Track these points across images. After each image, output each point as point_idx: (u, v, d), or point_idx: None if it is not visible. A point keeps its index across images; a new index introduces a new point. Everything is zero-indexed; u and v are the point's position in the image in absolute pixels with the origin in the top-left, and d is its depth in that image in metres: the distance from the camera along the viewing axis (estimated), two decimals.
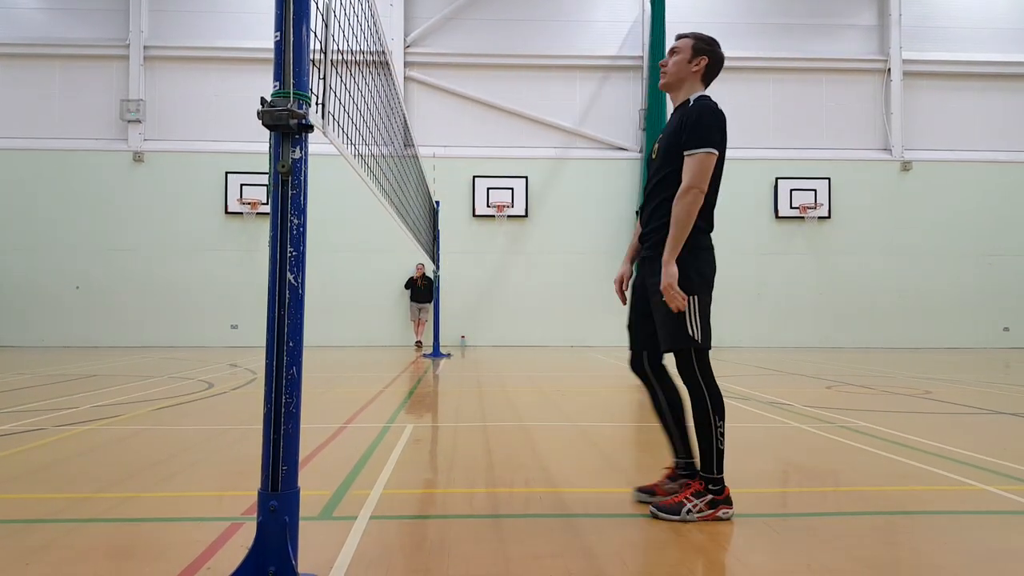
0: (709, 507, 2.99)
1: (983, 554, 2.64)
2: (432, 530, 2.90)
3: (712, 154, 2.99)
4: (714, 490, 3.01)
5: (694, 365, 3.05)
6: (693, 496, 3.00)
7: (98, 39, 16.68)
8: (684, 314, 2.99)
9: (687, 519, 2.96)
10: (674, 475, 3.30)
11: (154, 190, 16.56)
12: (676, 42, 3.26)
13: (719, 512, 3.00)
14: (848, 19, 17.85)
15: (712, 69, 3.23)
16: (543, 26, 17.44)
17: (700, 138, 3.00)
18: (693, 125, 3.02)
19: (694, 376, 3.05)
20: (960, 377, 9.71)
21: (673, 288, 2.94)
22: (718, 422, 3.03)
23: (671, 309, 2.98)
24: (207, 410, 6.29)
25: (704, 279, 3.07)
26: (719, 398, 3.06)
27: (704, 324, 3.04)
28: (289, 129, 2.20)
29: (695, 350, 3.04)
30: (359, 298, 16.65)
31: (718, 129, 3.03)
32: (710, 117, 3.03)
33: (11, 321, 16.16)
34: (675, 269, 2.96)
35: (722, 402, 3.07)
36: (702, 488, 3.02)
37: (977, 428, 5.58)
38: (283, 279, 2.22)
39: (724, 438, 3.05)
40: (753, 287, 17.35)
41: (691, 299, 3.00)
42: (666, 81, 3.25)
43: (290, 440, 2.21)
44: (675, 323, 3.01)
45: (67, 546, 2.67)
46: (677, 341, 3.03)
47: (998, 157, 17.70)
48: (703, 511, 2.98)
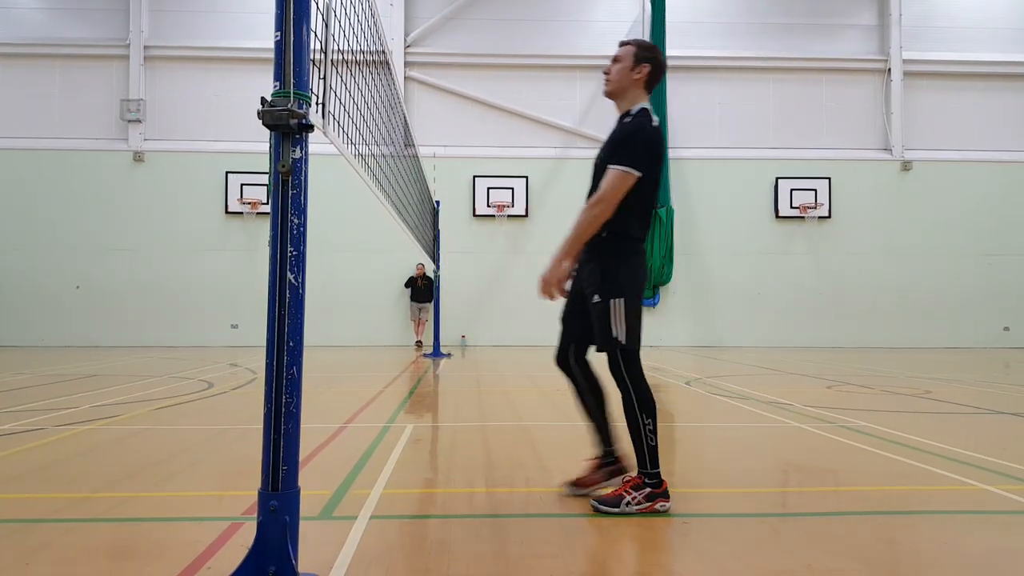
0: (647, 499, 3.08)
1: (983, 554, 2.64)
2: (432, 530, 2.91)
3: (630, 174, 3.05)
4: (651, 483, 3.10)
5: (620, 365, 3.14)
6: (632, 489, 3.10)
7: (98, 39, 16.68)
8: (612, 316, 3.11)
9: (626, 511, 3.06)
10: (599, 464, 3.40)
11: (154, 190, 16.56)
12: (618, 49, 3.30)
13: (656, 505, 3.08)
14: (848, 19, 17.85)
15: (654, 76, 3.25)
16: (543, 26, 17.44)
17: (623, 156, 3.07)
18: (623, 142, 3.12)
19: (621, 376, 3.16)
20: (960, 377, 9.71)
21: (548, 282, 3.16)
22: (646, 419, 3.13)
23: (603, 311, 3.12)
24: (207, 410, 6.29)
25: (633, 284, 3.16)
26: (646, 396, 3.16)
27: (630, 326, 3.13)
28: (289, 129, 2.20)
29: (621, 350, 3.13)
30: (359, 298, 16.65)
31: (647, 151, 3.09)
32: (640, 138, 3.10)
33: (11, 321, 16.16)
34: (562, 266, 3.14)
35: (649, 399, 3.16)
36: (640, 481, 3.12)
37: (977, 428, 5.58)
38: (283, 279, 2.22)
39: (654, 435, 3.14)
40: (753, 287, 17.35)
41: (618, 302, 3.11)
42: (609, 89, 3.29)
43: (290, 440, 2.21)
44: (604, 324, 3.13)
45: (67, 546, 2.67)
46: (605, 342, 3.14)
47: (998, 157, 17.70)
48: (641, 503, 3.08)
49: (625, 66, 3.22)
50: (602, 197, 3.08)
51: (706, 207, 17.36)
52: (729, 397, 7.28)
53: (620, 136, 3.16)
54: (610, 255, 3.15)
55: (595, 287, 3.17)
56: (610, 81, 3.27)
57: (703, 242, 17.38)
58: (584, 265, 3.30)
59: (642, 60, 3.21)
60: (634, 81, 3.22)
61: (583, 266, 3.31)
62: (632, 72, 3.22)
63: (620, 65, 3.24)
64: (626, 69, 3.22)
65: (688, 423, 5.89)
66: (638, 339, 3.17)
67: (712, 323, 17.31)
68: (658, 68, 3.25)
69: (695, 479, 3.91)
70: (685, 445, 4.95)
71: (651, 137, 3.12)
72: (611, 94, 3.30)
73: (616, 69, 3.25)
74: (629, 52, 3.24)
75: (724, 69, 17.60)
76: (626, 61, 3.23)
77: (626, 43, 3.29)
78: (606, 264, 3.14)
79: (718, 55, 17.50)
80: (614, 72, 3.25)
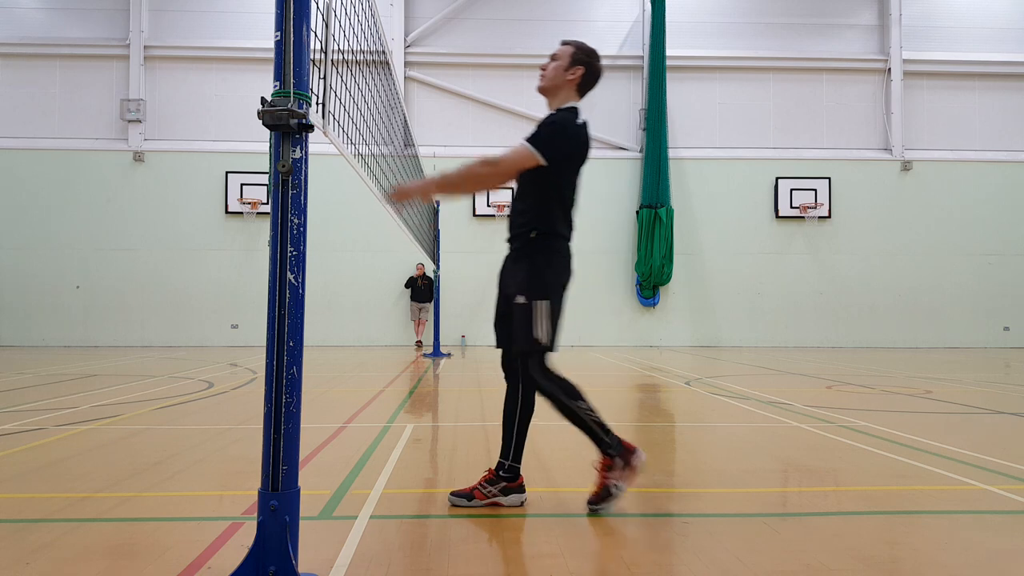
0: (627, 469, 3.12)
1: (983, 554, 2.64)
2: (432, 530, 2.91)
3: (532, 155, 3.04)
4: (619, 454, 3.12)
5: (539, 367, 3.10)
6: (608, 472, 3.11)
7: (98, 39, 16.68)
8: (535, 317, 3.05)
9: (618, 494, 3.10)
10: (493, 477, 3.24)
11: (154, 190, 16.56)
12: (558, 48, 3.28)
13: (635, 465, 3.13)
14: (848, 19, 17.85)
15: (588, 80, 3.25)
16: (543, 26, 17.44)
17: (534, 137, 3.08)
18: (543, 125, 3.13)
19: (541, 376, 3.11)
20: (960, 376, 9.71)
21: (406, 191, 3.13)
22: (579, 403, 3.09)
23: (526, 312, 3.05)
24: (207, 410, 6.29)
25: (557, 283, 3.13)
26: (566, 383, 3.10)
27: (552, 328, 3.09)
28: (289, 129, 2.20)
29: (540, 353, 3.09)
30: (359, 298, 16.65)
31: (561, 142, 3.09)
32: (557, 128, 3.11)
33: (11, 321, 16.17)
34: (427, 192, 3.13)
35: (571, 386, 3.11)
36: (611, 462, 3.11)
37: (978, 428, 5.58)
38: (283, 279, 2.22)
39: (593, 411, 3.12)
40: (753, 287, 17.35)
41: (540, 303, 3.06)
42: (542, 85, 3.27)
43: (290, 440, 2.21)
44: (525, 326, 3.06)
45: (67, 545, 2.67)
46: (525, 343, 3.07)
47: (998, 157, 17.70)
48: (624, 476, 3.12)
49: (561, 65, 3.22)
50: (496, 161, 3.08)
51: (706, 207, 17.36)
52: (729, 397, 7.28)
53: (542, 121, 3.17)
54: (537, 255, 3.11)
55: (520, 287, 3.10)
56: (544, 77, 3.25)
57: (703, 242, 17.38)
58: (509, 265, 3.25)
59: (578, 62, 3.21)
60: (567, 81, 3.21)
61: (507, 266, 3.26)
62: (566, 72, 3.21)
63: (556, 63, 3.23)
64: (561, 68, 3.21)
65: (688, 423, 5.89)
66: (556, 342, 3.14)
67: (712, 323, 17.31)
68: (592, 73, 3.24)
69: (695, 479, 3.91)
70: (685, 445, 4.95)
71: (573, 132, 3.13)
72: (543, 90, 3.27)
73: (552, 67, 3.24)
74: (567, 52, 3.23)
75: (724, 69, 17.60)
76: (563, 60, 3.22)
77: (567, 43, 3.27)
78: (532, 264, 3.10)
79: (718, 55, 17.50)
80: (549, 69, 3.24)
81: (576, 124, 3.15)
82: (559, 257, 3.14)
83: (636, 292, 17.13)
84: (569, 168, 3.14)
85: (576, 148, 3.14)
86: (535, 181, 3.12)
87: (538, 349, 3.06)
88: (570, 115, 3.17)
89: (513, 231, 3.23)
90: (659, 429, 5.51)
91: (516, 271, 3.16)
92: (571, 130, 3.12)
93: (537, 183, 3.12)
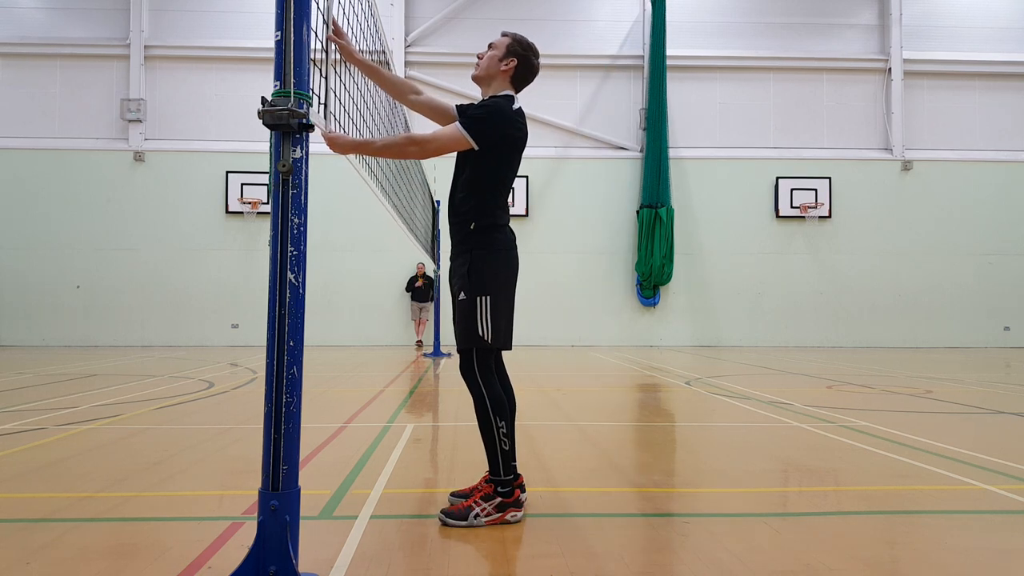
0: (497, 510, 2.96)
1: (984, 554, 2.64)
2: (432, 530, 2.90)
3: (463, 137, 2.96)
4: (503, 492, 2.98)
5: (474, 365, 3.02)
6: (482, 500, 2.97)
7: (99, 38, 16.68)
8: (478, 314, 2.98)
9: (474, 524, 2.90)
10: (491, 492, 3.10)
11: (155, 189, 16.56)
12: (497, 38, 3.23)
13: (507, 515, 2.96)
14: (849, 18, 17.85)
15: (521, 73, 3.18)
16: (543, 25, 17.43)
17: (470, 121, 2.98)
18: (476, 107, 3.06)
19: (473, 376, 3.03)
20: (961, 376, 9.71)
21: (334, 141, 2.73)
22: (499, 422, 2.99)
23: (469, 308, 2.99)
24: (208, 409, 6.29)
25: (501, 279, 3.05)
26: (499, 398, 3.01)
27: (496, 324, 3.01)
28: (290, 128, 2.20)
29: (477, 350, 3.01)
30: (359, 297, 16.64)
31: (493, 125, 2.99)
32: (491, 111, 3.01)
33: (12, 320, 16.16)
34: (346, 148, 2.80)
35: (502, 402, 3.02)
36: (491, 491, 2.99)
37: (978, 427, 5.58)
38: (284, 278, 2.22)
39: (509, 439, 3.00)
40: (753, 286, 17.34)
41: (484, 299, 2.99)
42: (476, 74, 3.21)
43: (290, 439, 2.21)
44: (467, 323, 3.00)
45: (68, 545, 2.67)
46: (468, 340, 3.01)
47: (998, 157, 17.69)
48: (491, 515, 2.94)
49: (495, 55, 3.16)
50: (424, 140, 2.94)
51: (706, 207, 17.36)
52: (729, 397, 7.28)
53: (475, 104, 3.12)
54: (477, 249, 3.02)
55: (461, 283, 3.04)
56: (478, 66, 3.20)
57: (703, 242, 17.38)
58: (452, 262, 3.17)
59: (512, 54, 3.15)
60: (501, 72, 3.15)
61: (452, 263, 3.18)
62: (500, 63, 3.15)
63: (491, 52, 3.17)
64: (495, 58, 3.15)
65: (688, 423, 5.89)
66: (505, 339, 3.07)
67: (712, 323, 17.31)
68: (526, 66, 3.17)
69: (695, 479, 3.92)
70: (685, 445, 4.95)
71: (508, 116, 3.04)
72: (477, 79, 3.21)
73: (487, 56, 3.18)
74: (503, 43, 3.18)
75: (724, 69, 17.60)
76: (498, 50, 3.16)
77: (506, 34, 3.23)
78: (473, 259, 3.02)
79: (718, 55, 17.49)
80: (484, 58, 3.18)
81: (512, 109, 3.06)
82: (501, 250, 3.06)
83: (636, 292, 17.13)
84: (507, 154, 3.06)
85: (512, 130, 3.03)
86: (473, 168, 3.04)
87: (481, 347, 3.00)
88: (504, 101, 3.08)
89: (452, 223, 3.14)
90: (659, 429, 5.51)
91: (458, 267, 3.08)
92: (507, 114, 3.03)
93: (475, 171, 3.04)
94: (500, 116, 3.01)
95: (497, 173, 3.06)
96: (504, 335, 3.06)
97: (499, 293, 3.02)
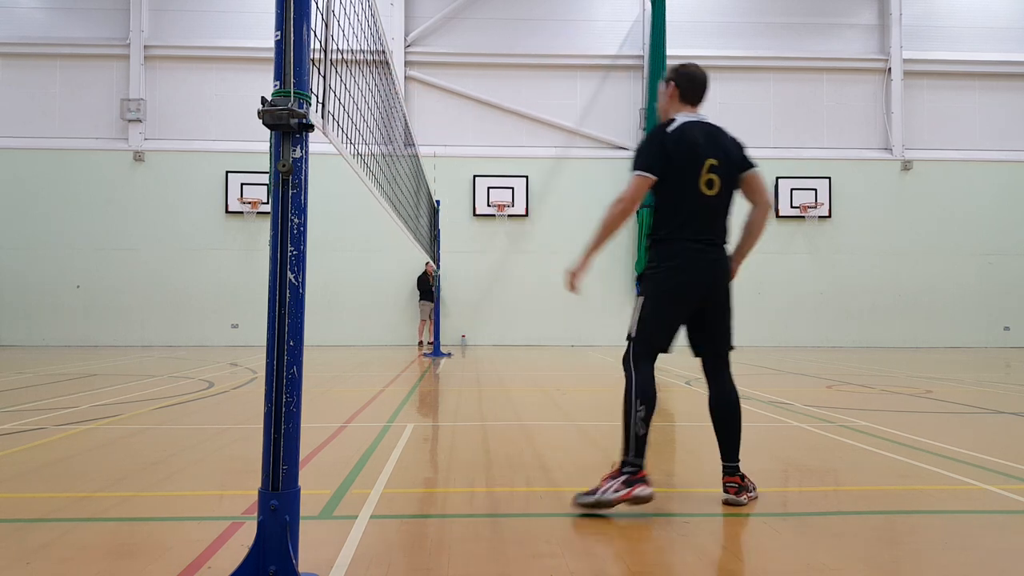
0: (625, 485, 3.08)
1: (984, 554, 2.64)
2: (432, 529, 2.91)
3: (635, 176, 3.24)
4: (630, 470, 3.12)
5: (628, 352, 3.36)
6: (609, 480, 3.12)
7: (99, 38, 16.68)
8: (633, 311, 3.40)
9: (603, 499, 3.06)
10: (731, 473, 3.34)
11: (155, 189, 16.56)
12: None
13: (635, 490, 3.07)
14: (849, 18, 17.84)
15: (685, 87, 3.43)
16: (543, 25, 17.43)
17: (634, 161, 3.31)
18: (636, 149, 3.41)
19: (627, 362, 3.35)
20: (961, 376, 9.71)
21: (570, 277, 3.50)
22: (639, 407, 3.21)
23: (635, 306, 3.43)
24: (207, 409, 6.29)
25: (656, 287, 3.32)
26: (645, 387, 3.26)
27: (642, 325, 3.32)
28: (290, 128, 2.20)
29: (631, 340, 3.36)
30: (359, 297, 16.64)
31: (644, 152, 3.28)
32: (643, 143, 3.35)
33: (12, 320, 16.17)
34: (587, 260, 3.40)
35: (647, 391, 3.25)
36: (617, 471, 3.14)
37: (978, 427, 5.58)
38: (284, 278, 2.22)
39: (645, 424, 3.19)
40: (753, 286, 17.32)
41: (640, 300, 3.38)
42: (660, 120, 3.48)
43: (290, 439, 2.21)
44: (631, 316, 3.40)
45: (68, 545, 2.67)
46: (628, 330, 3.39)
47: (999, 157, 17.69)
48: (619, 490, 3.07)
49: (660, 91, 3.54)
50: (619, 197, 3.28)
51: None
52: None
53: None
54: (650, 261, 3.37)
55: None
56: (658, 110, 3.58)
57: None
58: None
59: (669, 79, 3.48)
60: (669, 100, 3.46)
61: None
62: (665, 95, 3.49)
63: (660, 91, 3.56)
64: (661, 94, 3.52)
65: (688, 423, 5.89)
66: (646, 339, 3.31)
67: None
68: (685, 78, 3.43)
69: (695, 479, 3.92)
70: (685, 445, 4.95)
71: (656, 139, 3.27)
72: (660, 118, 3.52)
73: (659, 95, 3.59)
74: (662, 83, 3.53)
75: (724, 69, 17.59)
76: (661, 88, 3.54)
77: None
78: (647, 267, 3.39)
79: (718, 54, 17.48)
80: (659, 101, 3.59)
81: (664, 132, 3.29)
82: (664, 260, 3.29)
83: (636, 291, 17.09)
84: (667, 173, 3.23)
85: (666, 148, 3.23)
86: (653, 195, 3.34)
87: (630, 339, 3.35)
88: (656, 128, 3.35)
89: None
90: (659, 428, 5.51)
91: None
92: (654, 138, 3.29)
93: (654, 196, 3.34)
94: (647, 143, 3.30)
95: (662, 192, 3.28)
96: (651, 337, 3.32)
97: (652, 299, 3.31)
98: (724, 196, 3.33)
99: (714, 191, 3.27)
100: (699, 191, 3.24)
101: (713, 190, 3.27)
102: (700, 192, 3.24)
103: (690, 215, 3.25)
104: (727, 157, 3.30)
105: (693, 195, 3.24)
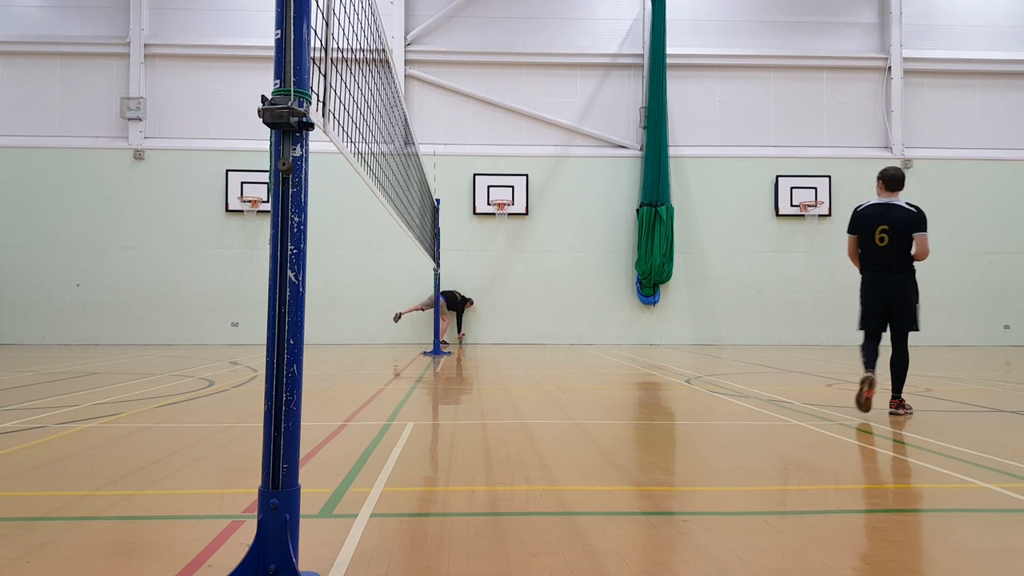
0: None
1: (984, 552, 2.64)
2: (432, 528, 2.91)
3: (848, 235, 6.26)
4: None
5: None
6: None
7: (99, 37, 16.66)
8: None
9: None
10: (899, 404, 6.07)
11: (155, 188, 16.55)
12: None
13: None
14: (849, 17, 17.83)
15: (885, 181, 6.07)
16: (543, 24, 17.42)
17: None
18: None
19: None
20: (961, 375, 9.71)
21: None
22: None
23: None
24: (207, 408, 6.30)
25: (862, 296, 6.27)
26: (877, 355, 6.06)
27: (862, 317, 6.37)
28: (290, 127, 2.20)
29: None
30: (360, 296, 16.64)
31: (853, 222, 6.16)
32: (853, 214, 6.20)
33: (12, 319, 16.17)
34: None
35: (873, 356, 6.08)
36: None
37: (978, 426, 5.58)
38: (284, 277, 2.22)
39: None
40: (753, 285, 17.34)
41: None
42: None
43: (291, 438, 2.21)
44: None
45: (68, 543, 2.67)
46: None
47: (998, 155, 17.68)
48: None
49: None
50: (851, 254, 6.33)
51: (706, 205, 17.36)
52: (729, 395, 7.28)
53: None
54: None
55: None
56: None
57: (703, 240, 17.38)
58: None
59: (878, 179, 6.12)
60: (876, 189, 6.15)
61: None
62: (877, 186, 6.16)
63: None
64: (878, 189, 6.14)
65: (688, 421, 5.90)
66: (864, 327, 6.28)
67: (712, 321, 17.31)
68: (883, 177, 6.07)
69: (695, 477, 3.92)
70: (685, 443, 4.95)
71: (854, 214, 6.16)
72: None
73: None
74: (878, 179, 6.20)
75: (724, 67, 17.59)
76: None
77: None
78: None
79: (718, 53, 17.48)
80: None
81: (857, 211, 6.13)
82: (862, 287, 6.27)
83: (636, 290, 17.13)
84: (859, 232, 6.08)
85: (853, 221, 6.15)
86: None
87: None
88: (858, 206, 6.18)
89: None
90: (659, 427, 5.51)
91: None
92: (855, 215, 6.14)
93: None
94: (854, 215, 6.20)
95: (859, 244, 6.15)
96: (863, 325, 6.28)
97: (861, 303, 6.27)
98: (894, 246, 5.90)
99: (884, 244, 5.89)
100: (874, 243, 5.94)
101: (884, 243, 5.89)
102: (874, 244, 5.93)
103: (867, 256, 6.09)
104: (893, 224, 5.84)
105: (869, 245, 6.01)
